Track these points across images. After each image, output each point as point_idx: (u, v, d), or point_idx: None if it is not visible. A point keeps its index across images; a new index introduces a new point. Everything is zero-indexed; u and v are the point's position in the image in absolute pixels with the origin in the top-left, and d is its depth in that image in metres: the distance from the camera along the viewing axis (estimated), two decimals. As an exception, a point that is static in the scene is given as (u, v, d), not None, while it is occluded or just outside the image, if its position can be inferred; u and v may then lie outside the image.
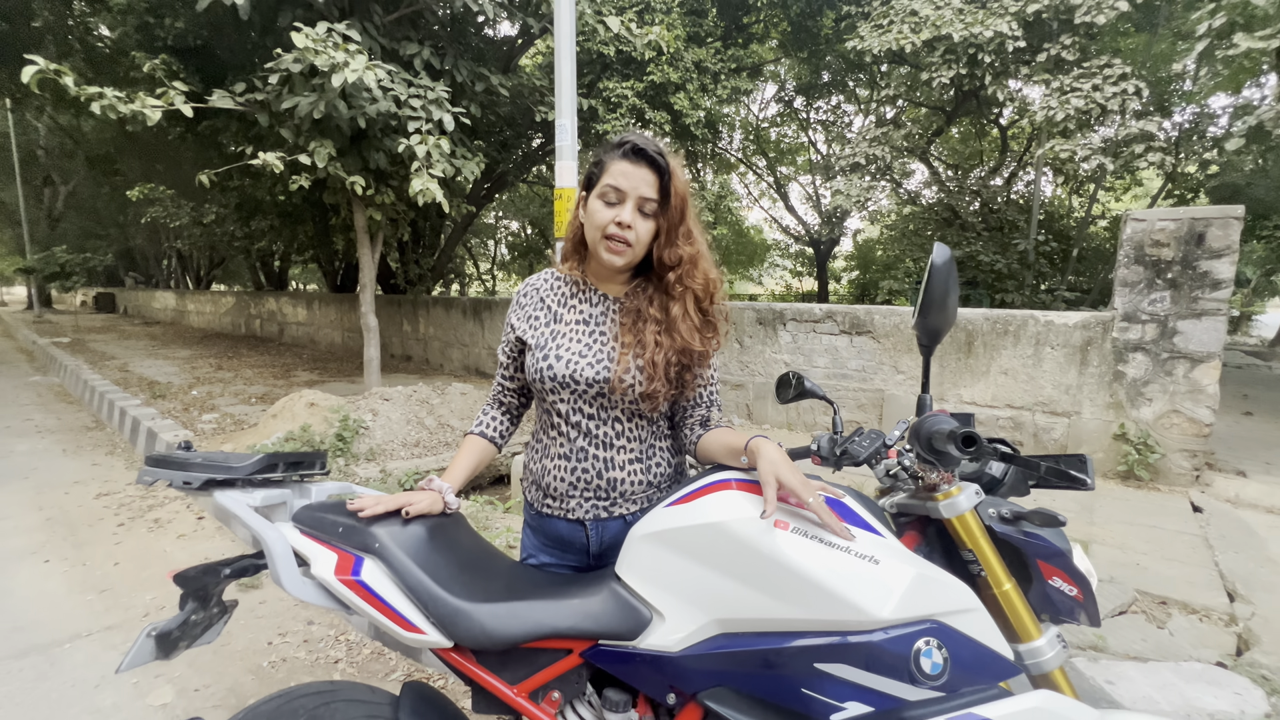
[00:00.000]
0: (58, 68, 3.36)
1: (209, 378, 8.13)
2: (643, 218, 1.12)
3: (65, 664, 2.29)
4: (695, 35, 8.12)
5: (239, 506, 1.06)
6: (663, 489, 1.24)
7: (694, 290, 1.16)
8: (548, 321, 1.21)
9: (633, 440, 1.19)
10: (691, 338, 1.15)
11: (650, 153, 1.09)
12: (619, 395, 1.15)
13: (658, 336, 1.15)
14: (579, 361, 1.16)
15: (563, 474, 1.20)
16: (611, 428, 1.18)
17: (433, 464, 4.27)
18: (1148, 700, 1.72)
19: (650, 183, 1.10)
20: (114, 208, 19.13)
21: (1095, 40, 7.39)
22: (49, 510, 3.81)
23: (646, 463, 1.21)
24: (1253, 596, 2.48)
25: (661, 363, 1.13)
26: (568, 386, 1.16)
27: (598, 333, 1.19)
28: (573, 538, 1.23)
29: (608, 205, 1.11)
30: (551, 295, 1.25)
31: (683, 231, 1.15)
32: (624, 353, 1.15)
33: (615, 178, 1.10)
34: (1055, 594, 1.00)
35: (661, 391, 1.14)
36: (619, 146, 1.11)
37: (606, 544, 1.22)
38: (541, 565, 1.29)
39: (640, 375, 1.13)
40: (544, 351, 1.18)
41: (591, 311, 1.21)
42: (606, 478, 1.18)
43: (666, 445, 1.25)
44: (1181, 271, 3.77)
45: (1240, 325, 17.75)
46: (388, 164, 4.92)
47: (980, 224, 10.05)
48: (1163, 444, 3.86)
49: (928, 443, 0.97)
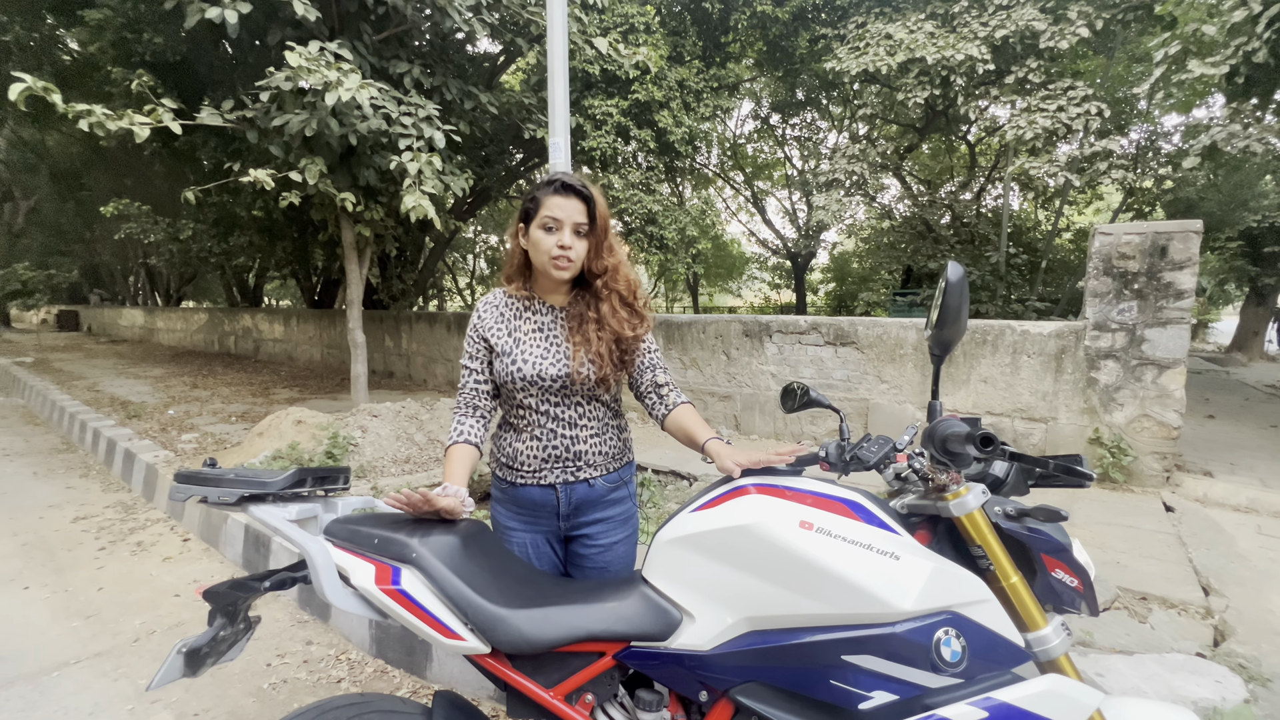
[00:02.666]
0: (46, 85, 3.32)
1: (184, 396, 7.93)
2: (578, 238, 1.36)
3: (54, 692, 2.23)
4: (677, 55, 8.31)
5: (278, 521, 1.08)
6: (615, 458, 1.47)
7: (618, 290, 1.42)
8: (509, 332, 1.43)
9: (592, 420, 1.43)
10: (621, 327, 1.40)
11: (577, 186, 1.34)
12: (579, 385, 1.39)
13: (598, 333, 1.40)
14: (541, 362, 1.38)
15: (535, 452, 1.41)
16: (575, 410, 1.42)
17: (424, 480, 4.24)
18: (1136, 691, 1.81)
19: (580, 210, 1.34)
20: (79, 223, 18.60)
21: (1057, 63, 7.77)
22: (24, 535, 3.68)
23: (603, 436, 1.45)
24: (1225, 590, 2.61)
25: (605, 352, 1.39)
26: (535, 384, 1.38)
27: (551, 336, 1.42)
28: (544, 501, 1.42)
29: (548, 232, 1.35)
30: (508, 310, 1.46)
31: (606, 246, 1.40)
32: (576, 350, 1.38)
33: (552, 209, 1.34)
34: (1058, 585, 1.06)
35: (611, 375, 1.41)
36: (550, 184, 1.36)
37: (574, 504, 1.42)
38: (511, 532, 1.44)
39: (592, 366, 1.38)
40: (510, 357, 1.39)
41: (543, 320, 1.44)
42: (574, 451, 1.41)
43: (616, 423, 1.50)
44: (1147, 282, 3.96)
45: (1198, 333, 18.52)
46: (377, 180, 4.93)
47: (953, 237, 10.38)
48: (1135, 447, 4.03)
49: (942, 445, 1.03)
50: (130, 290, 23.90)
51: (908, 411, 4.84)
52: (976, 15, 7.27)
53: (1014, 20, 6.87)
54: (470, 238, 19.02)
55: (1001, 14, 7.05)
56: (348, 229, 5.45)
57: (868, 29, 7.77)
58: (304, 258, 10.50)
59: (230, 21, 3.86)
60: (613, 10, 7.48)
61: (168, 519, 3.96)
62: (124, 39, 5.57)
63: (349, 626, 2.56)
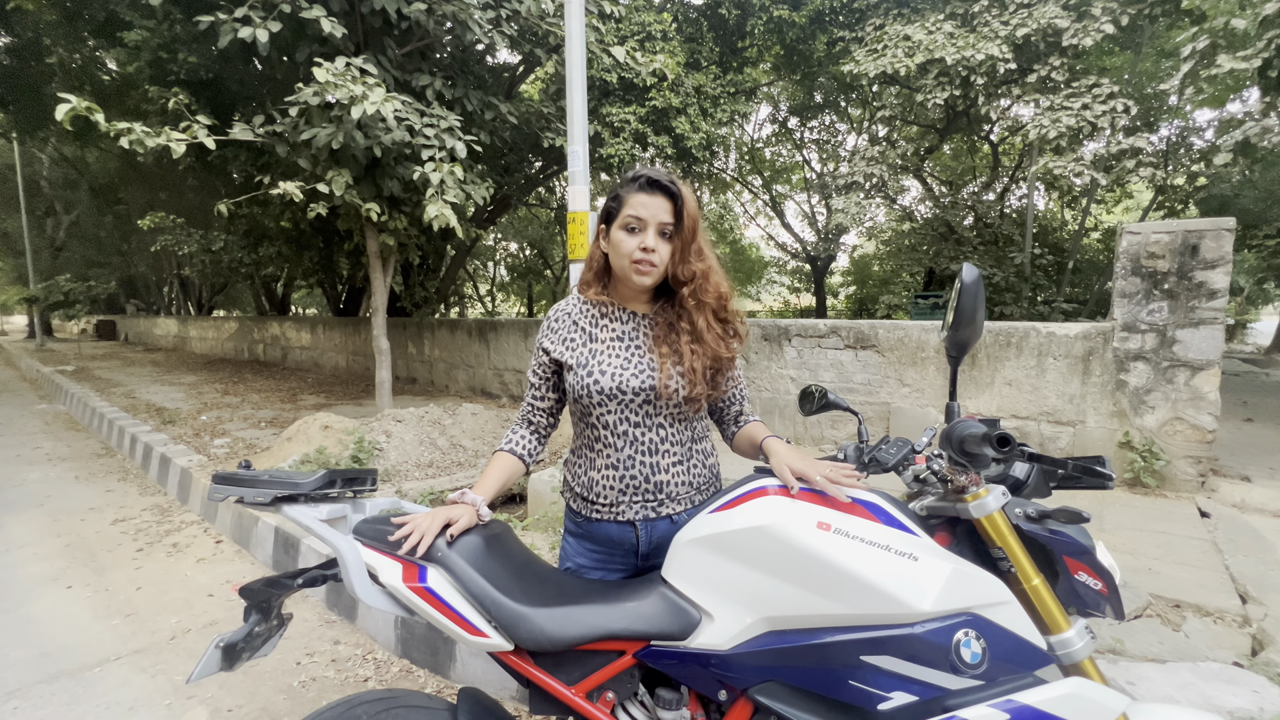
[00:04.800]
0: (89, 105, 3.49)
1: (216, 403, 8.16)
2: (663, 241, 1.23)
3: (96, 688, 2.31)
4: (694, 61, 8.35)
5: (311, 520, 1.12)
6: (702, 490, 1.33)
7: (709, 303, 1.27)
8: (584, 341, 1.30)
9: (675, 445, 1.29)
10: (718, 346, 1.27)
11: (664, 182, 1.21)
12: (664, 400, 1.25)
13: (691, 346, 1.26)
14: (622, 373, 1.25)
15: (611, 482, 1.28)
16: (656, 434, 1.27)
17: (447, 484, 4.31)
18: (1168, 699, 1.76)
19: (666, 209, 1.22)
20: (116, 236, 19.34)
21: (1081, 60, 7.63)
22: (67, 537, 3.83)
23: (687, 464, 1.30)
24: (1264, 598, 2.53)
25: (700, 369, 1.25)
26: (615, 398, 1.25)
27: (634, 346, 1.28)
28: (622, 539, 1.30)
29: (630, 233, 1.23)
30: (583, 318, 1.33)
31: (695, 249, 1.26)
32: (663, 362, 1.25)
33: (635, 208, 1.22)
34: (1081, 588, 1.05)
35: (703, 394, 1.26)
36: (634, 180, 1.24)
37: (655, 543, 1.29)
38: (582, 570, 1.34)
39: (682, 380, 1.24)
40: (586, 369, 1.26)
41: (624, 329, 1.30)
42: (654, 481, 1.27)
43: (703, 448, 1.35)
44: (1178, 282, 3.87)
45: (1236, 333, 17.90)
46: (401, 191, 5.04)
47: (976, 238, 10.22)
48: (1167, 451, 3.92)
49: (960, 446, 1.03)
50: (164, 300, 24.70)
51: (930, 415, 4.78)
52: (997, 14, 7.18)
53: (1035, 18, 6.78)
54: (491, 245, 19.27)
55: (1023, 12, 6.95)
56: (372, 238, 5.58)
57: (886, 31, 7.73)
58: (330, 267, 10.75)
59: (261, 40, 4.00)
60: (629, 19, 7.56)
61: (201, 521, 4.08)
62: (160, 59, 5.80)
63: (375, 626, 2.61)
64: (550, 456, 4.66)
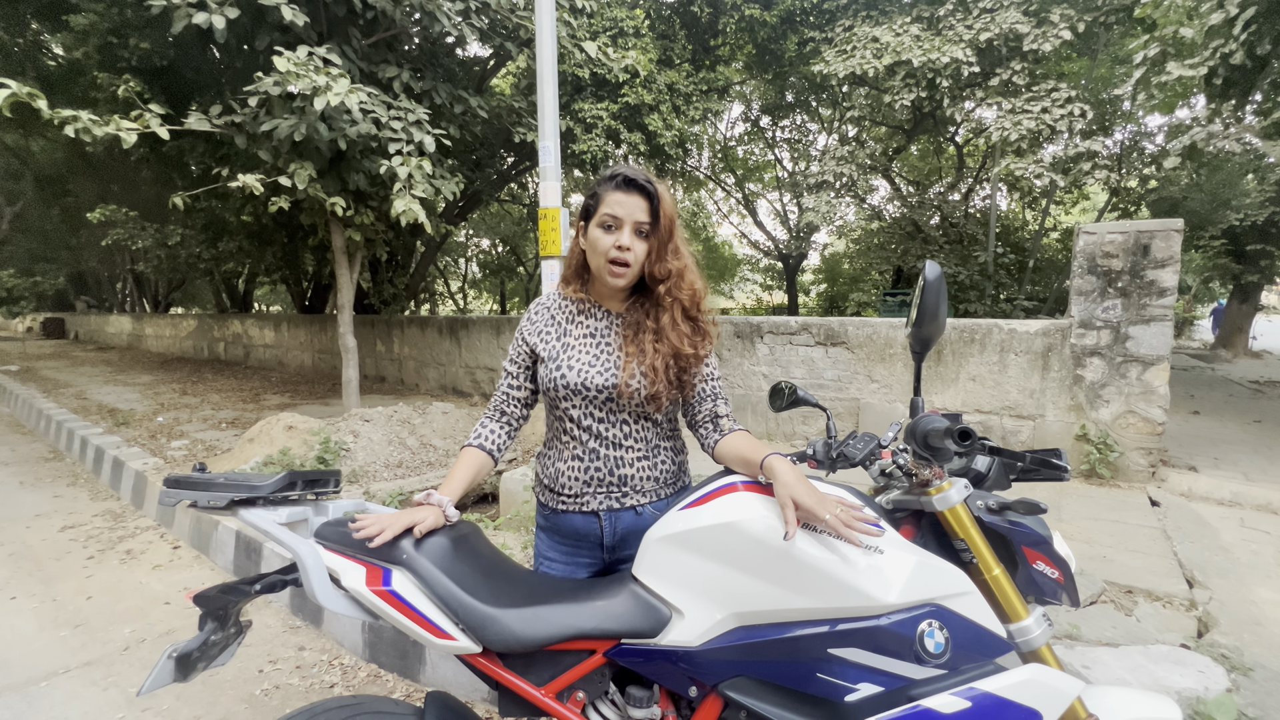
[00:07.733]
0: (31, 90, 3.30)
1: (174, 403, 7.86)
2: (639, 239, 1.24)
3: (43, 702, 2.21)
4: (666, 58, 8.35)
5: (268, 524, 1.09)
6: (668, 484, 1.34)
7: (681, 301, 1.28)
8: (558, 336, 1.32)
9: (639, 441, 1.30)
10: (681, 343, 1.26)
11: (640, 181, 1.22)
12: (625, 399, 1.26)
13: (655, 344, 1.27)
14: (588, 370, 1.27)
15: (577, 474, 1.30)
16: (620, 429, 1.29)
17: (416, 484, 4.24)
18: (1121, 682, 1.84)
19: (642, 207, 1.22)
20: (65, 230, 18.39)
21: (1041, 65, 7.87)
22: (10, 545, 3.64)
23: (653, 459, 1.32)
24: (1209, 582, 2.65)
25: (661, 367, 1.25)
26: (579, 393, 1.27)
27: (603, 344, 1.30)
28: (587, 530, 1.31)
29: (607, 231, 1.23)
30: (561, 313, 1.36)
31: (671, 248, 1.26)
32: (628, 361, 1.26)
33: (612, 206, 1.22)
34: (1039, 577, 1.08)
35: (664, 393, 1.26)
36: (612, 179, 1.24)
37: (620, 534, 1.30)
38: (551, 565, 1.35)
39: (644, 380, 1.25)
40: (556, 363, 1.29)
41: (597, 326, 1.33)
42: (618, 475, 1.29)
43: (669, 445, 1.36)
44: (1130, 280, 4.02)
45: (1183, 330, 18.75)
46: (367, 185, 4.92)
47: (942, 237, 10.48)
48: (1121, 443, 4.08)
49: (924, 440, 1.05)
50: (118, 297, 23.65)
51: (898, 410, 4.88)
52: (961, 18, 7.36)
53: (998, 23, 6.97)
54: (462, 241, 18.99)
55: (985, 17, 7.14)
56: (338, 234, 5.43)
57: (854, 32, 7.85)
58: (294, 263, 10.45)
59: (218, 27, 3.85)
60: (601, 14, 7.52)
61: (157, 527, 3.93)
62: (110, 44, 5.54)
63: (341, 631, 2.55)
64: (523, 455, 4.61)
